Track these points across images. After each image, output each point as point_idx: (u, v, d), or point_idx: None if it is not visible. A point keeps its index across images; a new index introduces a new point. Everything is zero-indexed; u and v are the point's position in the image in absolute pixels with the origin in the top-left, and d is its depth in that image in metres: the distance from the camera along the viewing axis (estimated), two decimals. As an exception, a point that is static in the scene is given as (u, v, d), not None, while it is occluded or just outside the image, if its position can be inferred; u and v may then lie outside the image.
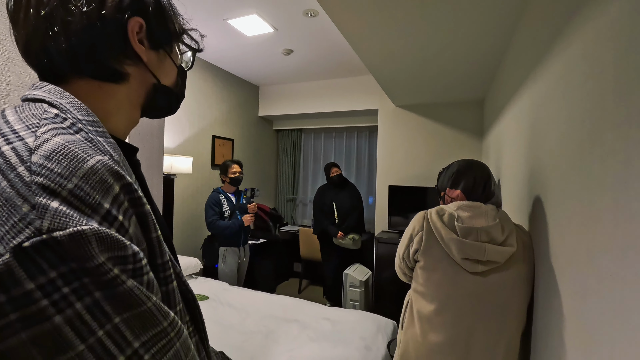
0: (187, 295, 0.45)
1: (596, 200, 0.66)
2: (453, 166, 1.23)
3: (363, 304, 3.02)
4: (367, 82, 3.63)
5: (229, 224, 2.66)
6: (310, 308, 2.23)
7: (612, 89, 0.60)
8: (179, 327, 0.36)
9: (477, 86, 2.60)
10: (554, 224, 0.93)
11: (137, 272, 0.33)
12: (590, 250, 0.68)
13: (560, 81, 0.90)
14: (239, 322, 2.01)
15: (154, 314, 0.33)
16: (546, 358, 0.93)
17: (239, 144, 3.96)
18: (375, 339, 1.83)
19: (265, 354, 1.66)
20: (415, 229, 1.15)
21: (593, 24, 0.69)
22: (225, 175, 2.75)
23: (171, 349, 0.34)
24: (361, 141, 4.31)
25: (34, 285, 0.27)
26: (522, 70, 1.39)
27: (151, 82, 0.49)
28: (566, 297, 0.81)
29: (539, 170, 1.09)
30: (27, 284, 0.27)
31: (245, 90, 4.07)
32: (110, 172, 0.34)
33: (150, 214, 0.38)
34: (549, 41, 1.01)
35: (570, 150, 0.81)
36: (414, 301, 1.15)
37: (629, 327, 0.53)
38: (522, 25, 1.43)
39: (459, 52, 1.88)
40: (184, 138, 3.18)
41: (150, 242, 0.38)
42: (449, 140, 3.25)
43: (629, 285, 0.53)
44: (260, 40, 2.83)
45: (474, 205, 1.09)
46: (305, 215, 4.64)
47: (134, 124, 0.51)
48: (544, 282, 0.99)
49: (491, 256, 1.02)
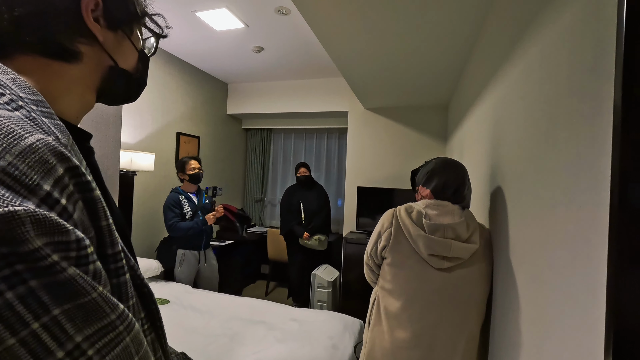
0: (143, 289, 0.41)
1: (549, 194, 0.70)
2: (431, 163, 1.22)
3: (331, 304, 3.02)
4: (337, 83, 3.66)
5: (191, 224, 2.52)
6: (277, 309, 2.19)
7: (566, 90, 0.65)
8: (130, 321, 0.33)
9: (442, 91, 2.71)
10: (511, 219, 0.98)
11: (82, 261, 0.30)
12: (544, 242, 0.72)
13: (519, 84, 0.95)
14: (202, 326, 1.93)
15: (100, 306, 0.30)
16: (504, 345, 0.98)
17: (205, 142, 3.83)
18: (342, 338, 1.83)
19: (230, 356, 1.61)
20: (384, 226, 1.17)
21: (549, 29, 0.74)
22: (184, 172, 2.57)
23: (120, 344, 0.31)
24: (331, 142, 4.34)
25: None
26: (484, 75, 1.47)
27: (108, 64, 0.46)
28: (523, 288, 0.86)
29: (499, 169, 1.15)
30: None
31: (214, 87, 3.95)
32: (53, 152, 0.31)
33: (100, 201, 0.35)
34: (509, 46, 1.07)
35: (527, 149, 0.86)
36: (381, 299, 1.16)
37: (579, 311, 0.56)
38: (484, 31, 1.51)
39: (426, 55, 1.94)
40: (145, 133, 3.02)
41: (99, 231, 0.35)
42: (416, 143, 3.36)
43: (579, 270, 0.57)
44: (230, 35, 2.76)
45: (441, 204, 1.12)
46: (273, 217, 4.58)
47: (88, 109, 0.47)
48: (502, 274, 1.04)
49: (456, 252, 1.06)
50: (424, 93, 2.82)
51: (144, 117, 2.99)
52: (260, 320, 2.01)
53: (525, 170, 0.86)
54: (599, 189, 0.51)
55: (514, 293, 0.91)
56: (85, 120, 0.91)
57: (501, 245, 1.06)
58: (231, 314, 2.08)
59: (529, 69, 0.87)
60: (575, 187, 0.59)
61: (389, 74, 2.32)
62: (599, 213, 0.50)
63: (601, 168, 0.50)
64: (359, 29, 1.65)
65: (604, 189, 0.49)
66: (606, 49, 0.50)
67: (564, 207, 0.63)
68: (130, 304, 0.37)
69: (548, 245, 0.70)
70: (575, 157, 0.59)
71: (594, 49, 0.54)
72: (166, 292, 2.34)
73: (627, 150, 0.40)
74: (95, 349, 0.29)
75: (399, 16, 1.50)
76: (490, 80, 1.32)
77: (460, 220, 1.08)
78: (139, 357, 0.34)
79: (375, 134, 3.50)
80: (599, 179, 0.51)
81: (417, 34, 1.66)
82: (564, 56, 0.66)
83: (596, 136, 0.52)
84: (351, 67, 2.25)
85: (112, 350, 0.30)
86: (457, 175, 1.15)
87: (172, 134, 3.34)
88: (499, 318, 1.06)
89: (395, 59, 2.03)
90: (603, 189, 0.49)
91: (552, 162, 0.69)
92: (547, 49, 0.75)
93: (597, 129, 0.52)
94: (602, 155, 0.50)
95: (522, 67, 0.93)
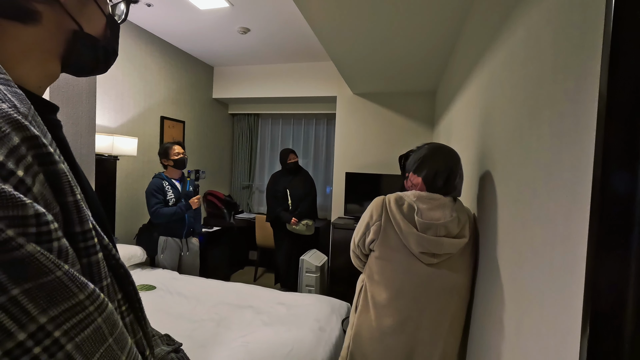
0: (119, 270, 0.40)
1: (532, 174, 0.70)
2: (422, 150, 1.17)
3: (319, 289, 3.06)
4: (326, 68, 3.60)
5: (175, 209, 2.46)
6: (264, 293, 2.20)
7: (550, 68, 0.64)
8: (101, 301, 0.31)
9: (430, 76, 2.70)
10: (496, 200, 0.99)
11: (43, 237, 0.28)
12: (525, 221, 0.73)
13: (506, 65, 0.95)
14: (188, 311, 1.92)
15: (66, 285, 0.28)
16: (485, 323, 1.01)
17: (190, 127, 3.74)
18: (329, 320, 1.86)
19: (216, 341, 1.61)
20: (373, 218, 1.12)
21: (536, 8, 0.73)
22: (167, 158, 2.49)
23: (90, 325, 0.30)
24: (319, 128, 4.30)
25: None
26: (471, 59, 1.46)
27: (71, 28, 0.42)
28: (504, 268, 0.87)
29: (485, 152, 1.16)
30: None
31: (199, 70, 3.83)
32: (7, 119, 0.28)
33: (65, 175, 0.33)
34: (496, 28, 1.06)
35: (511, 130, 0.86)
36: (369, 287, 1.16)
37: (557, 288, 0.57)
38: (471, 14, 1.49)
39: (414, 38, 1.92)
40: (127, 117, 2.92)
41: (65, 207, 0.33)
42: (403, 129, 3.36)
43: (558, 249, 0.57)
44: (215, 15, 2.66)
45: (433, 197, 1.09)
46: (261, 203, 4.55)
47: (51, 78, 0.44)
48: (486, 255, 1.05)
49: (447, 249, 1.06)
50: (412, 78, 2.80)
51: (125, 100, 2.88)
52: (248, 304, 2.01)
53: (509, 152, 0.87)
54: (580, 167, 0.51)
55: (496, 273, 0.93)
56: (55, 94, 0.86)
57: (488, 226, 1.08)
58: (218, 299, 2.07)
59: (515, 49, 0.86)
60: (557, 166, 0.59)
61: (377, 57, 2.29)
62: (580, 191, 0.51)
63: (584, 145, 0.50)
64: (347, 10, 1.60)
65: (586, 166, 0.49)
66: (592, 25, 0.50)
67: (545, 187, 0.64)
68: (104, 284, 0.36)
69: (529, 225, 0.71)
70: (558, 134, 0.59)
71: (581, 26, 0.53)
72: (152, 278, 2.31)
73: (612, 128, 0.40)
74: (63, 330, 0.27)
75: (384, 1, 1.47)
76: (477, 63, 1.31)
77: (452, 219, 1.06)
78: (114, 339, 0.32)
79: (364, 120, 3.48)
80: (581, 157, 0.51)
81: (404, 16, 1.63)
82: (549, 34, 0.65)
83: (579, 113, 0.52)
84: (339, 50, 2.20)
85: (82, 332, 0.29)
86: (448, 163, 1.11)
87: (156, 118, 3.24)
88: (481, 298, 1.08)
89: (384, 42, 2.00)
90: (585, 166, 0.49)
91: (535, 141, 0.69)
92: (533, 28, 0.74)
93: (580, 106, 0.52)
94: (585, 133, 0.50)
95: (508, 49, 0.92)
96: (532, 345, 0.67)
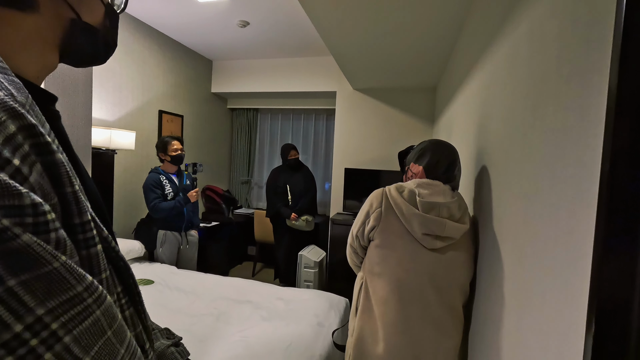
0: (118, 263, 0.39)
1: (535, 170, 0.70)
2: (424, 143, 1.21)
3: (317, 284, 3.06)
4: (326, 63, 3.58)
5: (173, 203, 2.46)
6: (263, 288, 2.20)
7: (554, 62, 0.63)
8: (100, 294, 0.31)
9: (430, 72, 2.68)
10: (497, 196, 0.98)
11: (41, 228, 0.27)
12: (527, 218, 0.73)
13: (507, 61, 0.94)
14: (187, 305, 1.92)
15: (64, 277, 0.28)
16: (488, 321, 1.01)
17: (189, 121, 3.71)
18: (328, 316, 1.86)
19: (215, 335, 1.61)
20: (373, 206, 1.11)
21: (540, 2, 0.72)
22: (165, 153, 2.49)
23: (88, 318, 0.29)
24: (319, 124, 4.28)
25: None
26: (473, 55, 1.45)
27: (69, 16, 0.41)
28: (506, 263, 0.87)
29: (485, 148, 1.15)
30: None
31: (197, 64, 3.80)
32: (3, 107, 0.27)
33: (64, 165, 0.32)
34: (498, 23, 1.04)
35: (513, 126, 0.85)
36: (369, 284, 1.12)
37: (559, 282, 0.57)
38: (473, 10, 1.47)
39: (415, 32, 1.90)
40: (125, 111, 2.89)
41: (63, 198, 0.32)
42: (403, 125, 3.35)
43: (560, 246, 0.57)
44: (214, 8, 2.63)
45: (432, 184, 1.10)
46: (260, 198, 4.55)
47: (50, 69, 0.43)
48: (487, 251, 1.05)
49: (450, 232, 1.04)
50: (413, 74, 2.78)
51: (123, 93, 2.86)
52: (246, 299, 2.02)
53: (511, 148, 0.86)
54: (585, 162, 0.50)
55: (497, 268, 0.93)
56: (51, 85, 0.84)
57: (487, 222, 1.08)
58: (217, 294, 2.07)
59: (518, 44, 0.85)
60: (560, 163, 0.59)
61: (378, 51, 2.27)
62: (585, 186, 0.50)
63: (589, 140, 0.50)
64: (347, 3, 1.58)
65: (592, 161, 0.48)
66: (600, 18, 0.49)
67: (548, 182, 0.63)
68: (103, 277, 0.35)
69: (531, 221, 0.71)
70: (563, 129, 0.58)
71: (587, 19, 0.53)
72: (150, 272, 2.31)
73: (621, 123, 0.39)
74: (60, 323, 0.27)
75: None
76: (479, 59, 1.30)
77: (453, 200, 1.07)
78: (113, 331, 0.32)
79: (363, 116, 3.47)
80: (586, 152, 0.50)
81: (406, 9, 1.61)
82: (554, 29, 0.64)
83: (584, 108, 0.51)
84: (340, 44, 2.18)
85: (80, 324, 0.28)
86: (449, 154, 1.15)
87: (154, 112, 3.22)
88: (482, 295, 1.08)
89: (385, 36, 1.98)
90: (590, 161, 0.49)
91: (539, 137, 0.68)
92: (537, 23, 0.73)
93: (585, 100, 0.51)
94: (591, 127, 0.49)
95: (511, 44, 0.91)
96: (533, 344, 0.67)
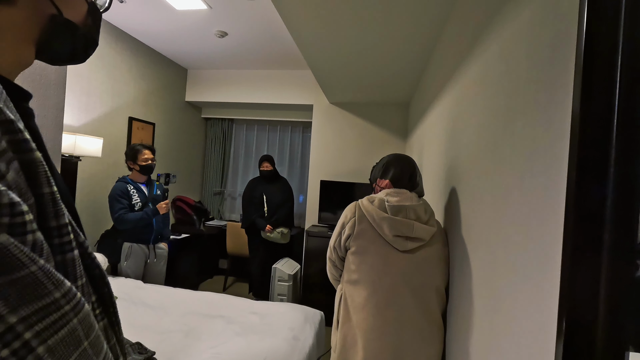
0: (94, 270, 0.37)
1: (506, 180, 0.74)
2: (383, 159, 1.33)
3: (291, 297, 3.01)
4: (303, 76, 3.63)
5: (141, 215, 2.33)
6: (236, 302, 2.13)
7: (523, 81, 0.69)
8: (77, 301, 0.29)
9: (404, 88, 2.80)
10: (468, 205, 1.03)
11: (17, 229, 0.25)
12: (498, 224, 0.77)
13: (480, 79, 1.00)
14: (155, 322, 1.82)
15: (41, 282, 0.26)
16: (460, 324, 1.03)
17: (161, 129, 3.60)
18: (303, 329, 1.83)
19: (185, 352, 1.53)
20: (347, 217, 1.20)
21: (509, 25, 0.78)
22: (134, 162, 2.37)
23: (65, 327, 0.27)
24: (295, 136, 4.30)
25: None
26: (445, 73, 1.53)
27: (49, 12, 0.39)
28: (477, 269, 0.90)
29: (457, 161, 1.21)
30: None
31: (171, 72, 3.72)
32: None
33: (42, 164, 0.30)
34: (470, 43, 1.12)
35: (485, 140, 0.90)
36: (348, 294, 1.17)
37: (527, 284, 0.60)
38: (446, 29, 1.57)
39: (390, 50, 1.99)
40: (92, 116, 2.76)
41: (40, 199, 0.30)
42: (377, 139, 3.44)
43: (532, 248, 0.61)
44: (192, 17, 2.61)
45: (400, 192, 1.20)
46: (233, 210, 4.45)
47: (24, 65, 0.41)
48: (459, 258, 1.09)
49: (418, 233, 1.12)
50: (387, 90, 2.88)
51: (90, 98, 2.73)
52: (219, 314, 1.94)
53: (483, 161, 0.91)
54: (551, 172, 0.54)
55: (469, 274, 0.96)
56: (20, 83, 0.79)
57: (458, 229, 1.12)
58: (186, 309, 1.98)
59: (489, 64, 0.91)
60: (529, 172, 0.63)
61: (354, 66, 2.34)
62: (553, 194, 0.54)
63: (555, 151, 0.54)
64: (327, 19, 1.63)
65: (558, 170, 0.52)
66: (563, 41, 0.54)
67: (518, 191, 0.67)
68: (78, 284, 0.33)
69: (502, 228, 0.74)
70: (531, 142, 0.63)
71: (552, 42, 0.58)
72: (114, 287, 2.15)
73: (586, 136, 0.43)
74: (34, 332, 0.25)
75: (366, 8, 1.51)
76: (451, 77, 1.38)
77: (419, 203, 1.17)
78: (89, 342, 0.29)
79: (339, 129, 3.53)
80: (552, 162, 0.54)
81: (383, 28, 1.69)
82: (522, 50, 0.70)
83: (551, 121, 0.56)
84: (318, 58, 2.23)
85: (56, 334, 0.26)
86: (410, 164, 1.28)
87: (124, 119, 3.09)
88: (456, 300, 1.11)
89: (362, 52, 2.05)
90: (557, 170, 0.53)
91: (509, 149, 0.73)
92: (507, 44, 0.79)
93: (552, 114, 0.56)
94: (557, 140, 0.53)
95: (482, 63, 0.98)
96: (505, 346, 0.70)
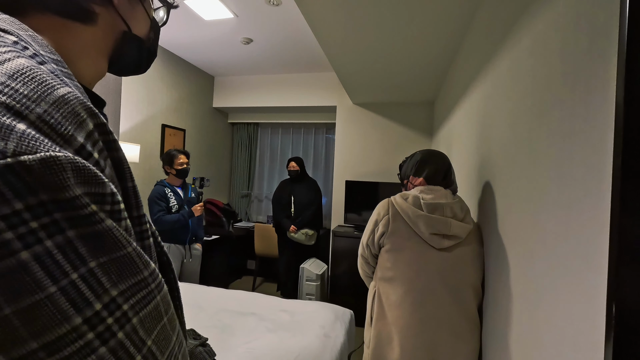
0: (162, 257, 0.41)
1: (542, 173, 0.73)
2: (416, 155, 1.28)
3: (319, 297, 3.04)
4: (326, 78, 3.67)
5: (178, 216, 2.47)
6: (266, 301, 2.18)
7: (559, 73, 0.68)
8: (160, 280, 0.33)
9: (429, 87, 2.77)
10: (502, 203, 1.02)
11: (116, 215, 0.30)
12: (536, 217, 0.76)
13: (510, 74, 0.99)
14: (191, 318, 1.90)
15: (134, 261, 0.30)
16: (500, 318, 1.02)
17: (191, 135, 3.75)
18: (333, 327, 1.85)
19: (221, 347, 1.59)
20: (380, 214, 1.17)
21: (542, 18, 0.77)
22: (171, 166, 2.53)
23: (151, 302, 0.31)
24: (319, 138, 4.34)
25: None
26: (473, 69, 1.51)
27: (121, 29, 0.45)
28: (514, 265, 0.89)
29: (489, 156, 1.19)
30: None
31: (199, 80, 3.87)
32: (84, 106, 0.30)
33: (126, 162, 0.35)
34: (498, 39, 1.10)
35: (519, 133, 0.89)
36: (382, 291, 1.16)
37: (569, 276, 0.60)
38: (474, 25, 1.55)
39: (415, 48, 1.98)
40: (130, 124, 2.93)
41: (126, 191, 0.35)
42: (402, 138, 3.42)
43: (570, 241, 0.60)
44: (219, 26, 2.72)
45: (435, 189, 1.17)
46: (260, 212, 4.55)
47: (100, 76, 0.47)
48: (494, 254, 1.08)
49: (455, 230, 1.09)
50: (412, 89, 2.86)
51: (127, 107, 2.90)
52: (250, 311, 2.00)
53: (517, 155, 0.90)
54: (592, 161, 0.54)
55: (506, 270, 0.95)
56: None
57: (494, 226, 1.10)
58: (220, 307, 2.05)
59: (520, 58, 0.90)
60: (567, 164, 0.62)
61: (379, 67, 2.35)
62: (595, 184, 0.53)
63: (594, 142, 0.53)
64: (353, 21, 1.66)
65: (599, 160, 0.52)
66: (601, 31, 0.53)
67: (555, 184, 0.67)
68: None
69: (540, 221, 0.74)
70: (569, 133, 0.62)
71: (589, 32, 0.57)
72: (152, 286, 2.29)
73: (631, 124, 0.43)
74: (130, 304, 0.29)
75: (390, 9, 1.52)
76: (480, 73, 1.36)
77: (455, 201, 1.13)
78: (168, 318, 0.33)
79: (363, 129, 3.53)
80: (593, 152, 0.54)
81: (407, 27, 1.69)
82: (557, 41, 0.69)
83: (590, 111, 0.55)
84: (343, 60, 2.26)
85: (145, 307, 0.30)
86: (444, 162, 1.25)
87: (157, 126, 3.26)
88: (492, 296, 1.10)
89: (387, 53, 2.06)
90: (598, 160, 0.52)
91: (545, 142, 0.72)
92: (540, 36, 0.78)
93: (591, 104, 0.55)
94: (597, 129, 0.53)
95: (513, 57, 0.97)
96: (547, 342, 0.69)
